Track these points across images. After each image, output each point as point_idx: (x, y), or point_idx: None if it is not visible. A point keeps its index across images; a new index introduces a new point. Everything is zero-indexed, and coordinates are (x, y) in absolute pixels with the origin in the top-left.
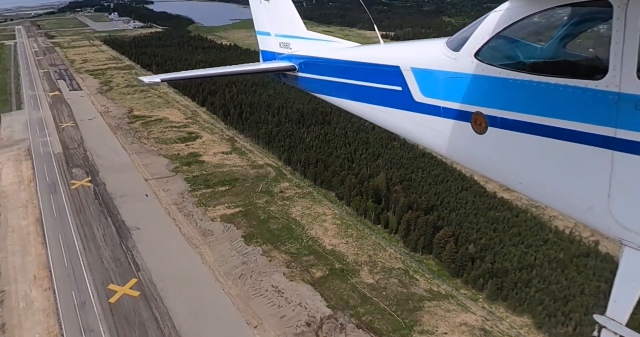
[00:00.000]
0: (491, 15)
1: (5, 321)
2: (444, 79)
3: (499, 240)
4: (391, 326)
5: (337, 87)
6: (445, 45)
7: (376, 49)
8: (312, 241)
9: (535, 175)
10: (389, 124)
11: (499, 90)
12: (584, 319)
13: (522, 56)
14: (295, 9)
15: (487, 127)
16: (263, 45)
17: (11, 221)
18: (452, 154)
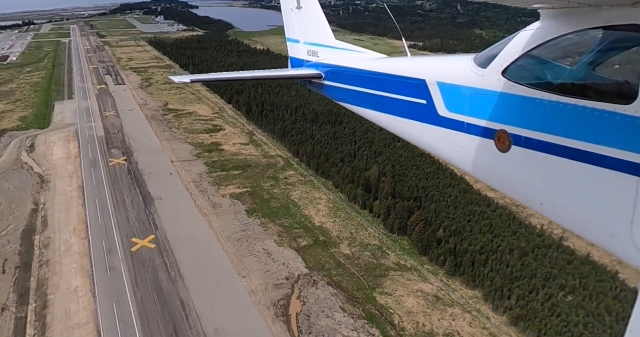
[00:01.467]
0: (521, 34)
1: (49, 258)
2: (470, 94)
3: (470, 228)
4: (356, 286)
5: (361, 97)
6: (473, 61)
7: (403, 61)
8: (304, 218)
9: (557, 197)
10: (412, 137)
11: (524, 109)
12: (528, 296)
13: (549, 76)
14: (325, 19)
15: (511, 145)
16: (292, 52)
17: (59, 186)
18: (473, 171)
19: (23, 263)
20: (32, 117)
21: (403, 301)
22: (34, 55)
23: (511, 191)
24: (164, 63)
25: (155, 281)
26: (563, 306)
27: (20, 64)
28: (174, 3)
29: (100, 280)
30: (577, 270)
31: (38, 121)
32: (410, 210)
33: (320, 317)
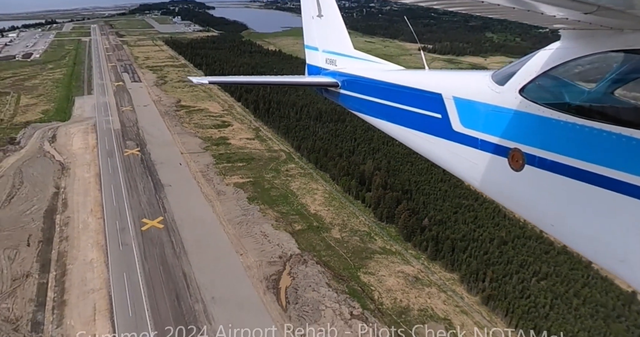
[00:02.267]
0: (540, 53)
1: (69, 234)
2: (485, 111)
3: (455, 219)
4: (343, 265)
5: (377, 107)
6: (491, 78)
7: (420, 74)
8: (300, 206)
9: (569, 219)
10: (424, 150)
11: (540, 129)
12: (501, 279)
13: (567, 97)
14: (345, 28)
15: (524, 164)
16: (310, 60)
17: (78, 173)
18: (484, 188)
19: (45, 238)
20: (54, 110)
21: (384, 280)
22: (56, 53)
23: (522, 210)
24: (179, 62)
25: (162, 256)
26: (533, 289)
27: (43, 61)
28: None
29: (113, 253)
30: (552, 259)
31: (59, 114)
32: (399, 200)
33: (307, 291)
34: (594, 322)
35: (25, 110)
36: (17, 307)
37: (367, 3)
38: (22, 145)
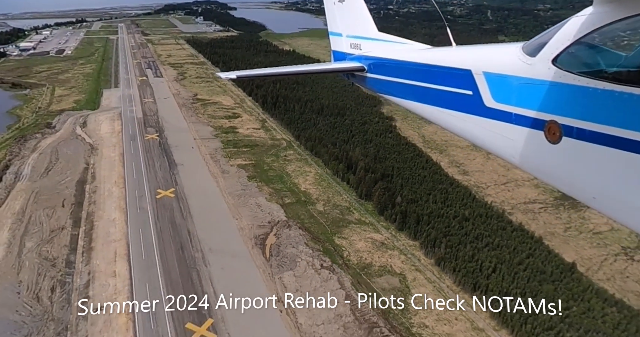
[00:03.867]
0: (572, 20)
1: (96, 200)
2: (518, 84)
3: (426, 199)
4: (321, 231)
5: (405, 88)
6: (521, 50)
7: (447, 51)
8: (292, 185)
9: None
10: (457, 129)
11: (576, 99)
12: (456, 247)
13: (604, 64)
14: (368, 11)
15: (562, 136)
16: (334, 46)
17: (105, 152)
18: (522, 163)
19: (77, 202)
20: (84, 101)
21: (355, 243)
22: (86, 50)
23: (561, 183)
24: (198, 60)
25: (171, 218)
26: (482, 256)
27: (74, 57)
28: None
29: (132, 214)
30: (506, 234)
31: (89, 104)
32: (377, 181)
33: (288, 247)
34: (528, 283)
35: (60, 100)
36: (54, 251)
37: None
38: (57, 129)
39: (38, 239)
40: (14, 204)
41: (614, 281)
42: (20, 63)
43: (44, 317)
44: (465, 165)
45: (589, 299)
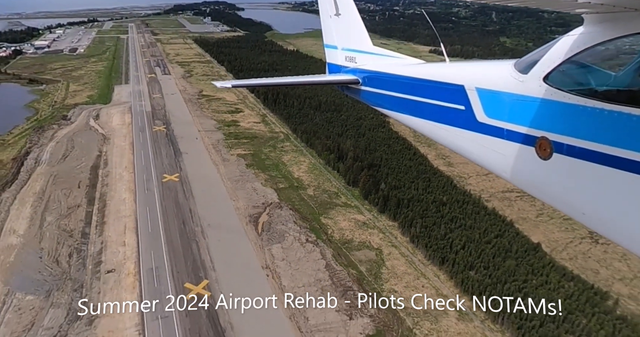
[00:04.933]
0: (564, 39)
1: (108, 182)
2: (510, 101)
3: (409, 186)
4: (309, 212)
5: (399, 102)
6: (513, 67)
7: (441, 66)
8: (287, 172)
9: (600, 207)
10: (449, 143)
11: (566, 116)
12: (430, 227)
13: (594, 83)
14: (363, 25)
15: (552, 153)
16: (330, 58)
17: (116, 142)
18: (512, 178)
19: (91, 184)
20: (97, 95)
21: (339, 223)
22: (98, 49)
23: (552, 199)
24: (204, 59)
25: (175, 198)
26: (453, 235)
27: (87, 55)
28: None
29: (140, 195)
30: (480, 217)
31: (101, 99)
32: (363, 169)
33: (278, 224)
34: (493, 259)
35: (74, 95)
36: (71, 224)
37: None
38: (72, 121)
39: (57, 214)
40: (35, 185)
41: (576, 260)
42: (36, 60)
43: (62, 276)
44: (451, 158)
45: (548, 273)
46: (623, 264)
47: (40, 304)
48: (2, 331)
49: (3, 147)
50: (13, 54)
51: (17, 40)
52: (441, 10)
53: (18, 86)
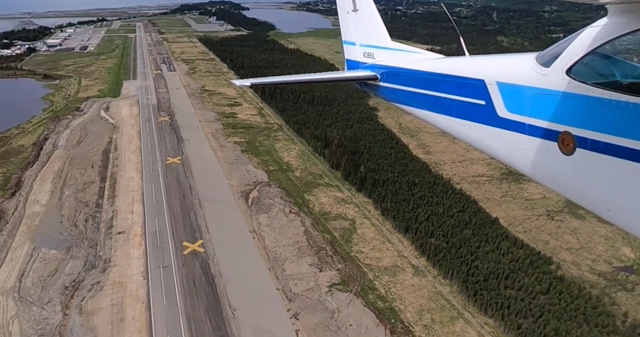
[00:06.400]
0: (587, 31)
1: (118, 164)
2: (531, 95)
3: (386, 170)
4: (294, 189)
5: (418, 98)
6: (535, 60)
7: (461, 61)
8: (278, 158)
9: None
10: (469, 139)
11: (590, 110)
12: (401, 203)
13: (618, 75)
14: (381, 20)
15: (575, 148)
16: (348, 55)
17: (125, 130)
18: (534, 174)
19: (103, 165)
20: (107, 90)
21: (321, 199)
22: (107, 47)
23: (575, 195)
24: (208, 57)
25: (177, 177)
26: (420, 210)
27: (97, 53)
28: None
29: (146, 174)
30: (447, 196)
31: (111, 93)
32: (345, 154)
33: (266, 199)
34: (452, 229)
35: (86, 89)
36: (87, 197)
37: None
38: (85, 112)
39: (74, 189)
40: (54, 166)
41: (530, 232)
42: (49, 58)
43: (80, 236)
44: (430, 147)
45: (500, 242)
46: (573, 237)
47: (62, 256)
48: (31, 276)
49: (24, 133)
50: (27, 51)
51: (30, 38)
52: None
53: (34, 81)
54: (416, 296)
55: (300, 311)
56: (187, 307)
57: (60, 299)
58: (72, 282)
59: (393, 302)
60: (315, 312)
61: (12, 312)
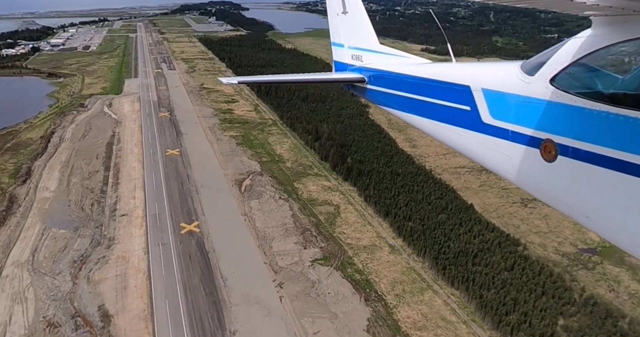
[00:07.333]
0: (571, 41)
1: (121, 155)
2: (515, 102)
3: (372, 161)
4: (285, 179)
5: (404, 101)
6: (520, 69)
7: (447, 67)
8: (271, 150)
9: (604, 210)
10: (453, 143)
11: (572, 119)
12: (384, 192)
13: (601, 86)
14: (370, 23)
15: (557, 155)
16: (336, 56)
17: (127, 125)
18: (516, 180)
19: (107, 156)
20: (109, 87)
21: (309, 187)
22: (109, 46)
23: (555, 201)
24: (207, 56)
25: (176, 167)
26: (401, 198)
27: (99, 52)
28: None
29: (147, 164)
30: (427, 185)
31: (114, 90)
32: (333, 147)
33: (258, 187)
34: (429, 214)
35: (89, 87)
36: (92, 184)
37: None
38: (89, 108)
39: (80, 177)
40: (61, 156)
41: (502, 218)
42: (53, 57)
43: (86, 218)
44: (417, 142)
45: (472, 225)
46: (543, 222)
47: (70, 235)
48: (43, 251)
49: (32, 128)
50: (31, 51)
51: (34, 38)
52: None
53: (39, 79)
54: (390, 271)
55: (285, 281)
56: (184, 277)
57: (69, 270)
58: (80, 257)
59: (369, 275)
60: (298, 282)
61: (27, 281)
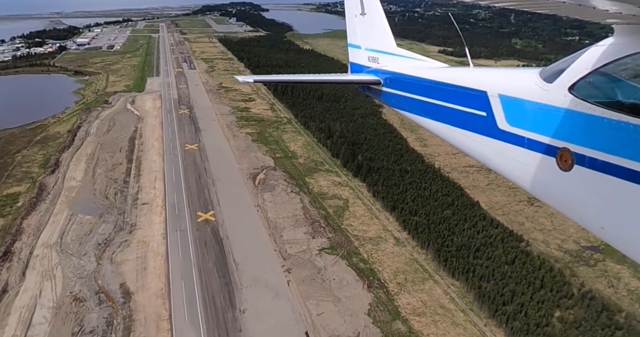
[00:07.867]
0: (592, 49)
1: (143, 149)
2: (533, 109)
3: (382, 159)
4: (297, 174)
5: (420, 105)
6: (538, 76)
7: (465, 71)
8: (285, 147)
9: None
10: (468, 149)
11: (590, 128)
12: (392, 188)
13: (620, 95)
14: (388, 25)
15: (573, 165)
16: (352, 58)
17: (148, 121)
18: (531, 188)
19: (130, 149)
20: (132, 85)
21: (320, 182)
22: (132, 46)
23: (570, 211)
24: (227, 56)
25: (194, 160)
26: (408, 194)
27: (122, 52)
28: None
29: (167, 158)
30: (435, 182)
31: (136, 88)
32: (344, 144)
33: (271, 180)
34: (435, 209)
35: (113, 84)
36: (116, 175)
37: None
38: (113, 105)
39: (105, 168)
40: (87, 149)
41: (508, 215)
42: (78, 56)
43: (110, 205)
44: (428, 141)
45: (477, 221)
46: (548, 220)
47: (95, 221)
48: (70, 235)
49: (59, 122)
50: (58, 49)
51: (60, 37)
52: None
53: (66, 77)
54: (394, 261)
55: (293, 267)
56: (199, 260)
57: (94, 252)
58: (104, 240)
59: (373, 265)
60: (305, 269)
61: (55, 261)
